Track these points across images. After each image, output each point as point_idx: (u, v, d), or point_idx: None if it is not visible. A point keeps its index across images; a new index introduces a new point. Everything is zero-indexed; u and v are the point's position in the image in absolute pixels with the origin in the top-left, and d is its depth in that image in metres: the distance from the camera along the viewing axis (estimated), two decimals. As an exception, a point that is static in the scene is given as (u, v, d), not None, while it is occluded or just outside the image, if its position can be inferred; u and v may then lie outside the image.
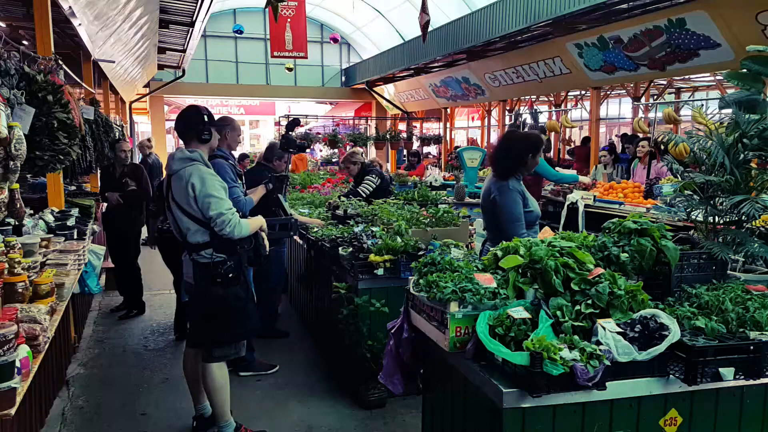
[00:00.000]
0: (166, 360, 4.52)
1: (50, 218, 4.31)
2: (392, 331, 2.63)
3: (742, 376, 1.99)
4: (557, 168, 8.65)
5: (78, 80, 6.17)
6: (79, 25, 5.13)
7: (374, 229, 4.19)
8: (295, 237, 4.85)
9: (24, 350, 2.19)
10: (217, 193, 2.96)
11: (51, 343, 3.00)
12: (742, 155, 2.78)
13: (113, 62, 7.45)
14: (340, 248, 3.83)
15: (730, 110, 3.02)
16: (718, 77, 10.75)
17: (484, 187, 3.55)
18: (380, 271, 3.55)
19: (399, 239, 3.73)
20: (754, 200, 2.62)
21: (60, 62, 4.27)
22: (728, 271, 2.69)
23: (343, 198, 5.45)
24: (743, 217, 2.73)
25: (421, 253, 3.52)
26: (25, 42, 6.81)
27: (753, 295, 2.34)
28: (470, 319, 2.12)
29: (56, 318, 2.91)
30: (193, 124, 3.12)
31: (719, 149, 2.75)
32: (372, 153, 14.84)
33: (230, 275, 3.03)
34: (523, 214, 3.33)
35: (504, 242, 2.54)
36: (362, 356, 3.55)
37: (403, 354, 2.57)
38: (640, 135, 9.45)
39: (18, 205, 3.16)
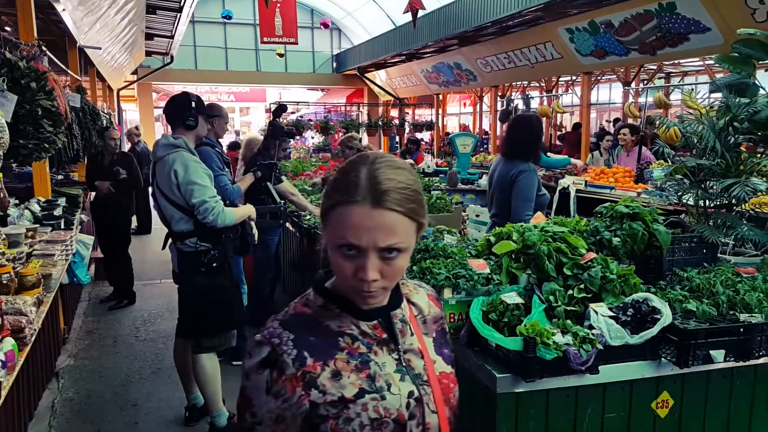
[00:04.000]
0: (157, 350, 4.49)
1: (36, 208, 4.25)
2: (385, 318, 2.62)
3: (732, 358, 2.00)
4: (548, 153, 8.63)
5: (64, 67, 6.07)
6: (63, 10, 5.02)
7: (366, 216, 4.16)
8: (287, 224, 4.82)
9: (9, 343, 2.16)
10: (201, 181, 2.91)
11: (39, 335, 2.97)
12: (732, 139, 2.78)
13: (99, 49, 7.31)
14: (331, 235, 3.80)
15: (720, 94, 3.01)
16: (707, 62, 10.75)
17: (499, 170, 3.57)
18: (373, 258, 3.53)
19: (391, 226, 3.70)
20: (744, 183, 2.63)
21: (44, 48, 4.17)
22: (719, 254, 2.70)
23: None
24: (733, 200, 2.74)
25: (413, 239, 3.50)
26: (7, 28, 6.66)
27: (743, 277, 2.35)
28: (464, 305, 2.11)
29: (43, 309, 2.87)
30: (179, 110, 3.07)
31: (710, 133, 2.75)
32: (365, 140, 14.76)
33: (214, 264, 2.99)
34: (536, 197, 3.46)
35: (497, 228, 2.53)
36: (355, 343, 3.54)
37: (395, 341, 2.56)
38: (630, 120, 9.45)
39: (2, 195, 3.11)
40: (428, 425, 1.00)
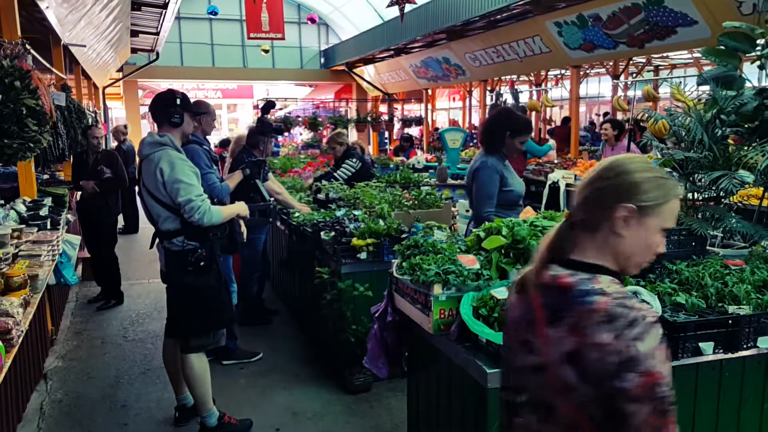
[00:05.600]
0: (146, 350, 4.46)
1: (22, 208, 4.19)
2: (376, 315, 2.61)
3: (721, 350, 2.02)
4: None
5: (48, 65, 5.96)
6: (47, 8, 4.94)
7: (356, 212, 4.15)
8: (276, 222, 4.79)
9: (-4, 345, 2.13)
10: (187, 179, 2.87)
11: (26, 337, 2.94)
12: (719, 131, 2.80)
13: (84, 46, 7.21)
14: (322, 233, 3.79)
15: (707, 87, 3.03)
16: (695, 55, 10.82)
17: (471, 164, 3.55)
18: (363, 255, 3.52)
19: (381, 222, 3.70)
20: (731, 176, 2.64)
21: (27, 47, 4.10)
22: (707, 247, 2.72)
23: (324, 182, 5.39)
24: (721, 192, 2.75)
25: (404, 235, 3.50)
26: (-11, 26, 6.54)
27: (731, 270, 2.37)
28: (454, 301, 2.11)
29: (30, 311, 2.83)
30: (164, 108, 3.03)
31: (698, 126, 2.76)
32: (353, 136, 14.73)
33: (201, 263, 2.96)
34: (500, 193, 3.31)
35: (486, 223, 2.52)
36: (346, 341, 3.53)
37: (387, 337, 2.56)
38: (620, 113, 9.50)
39: (-14, 196, 3.06)
40: None
